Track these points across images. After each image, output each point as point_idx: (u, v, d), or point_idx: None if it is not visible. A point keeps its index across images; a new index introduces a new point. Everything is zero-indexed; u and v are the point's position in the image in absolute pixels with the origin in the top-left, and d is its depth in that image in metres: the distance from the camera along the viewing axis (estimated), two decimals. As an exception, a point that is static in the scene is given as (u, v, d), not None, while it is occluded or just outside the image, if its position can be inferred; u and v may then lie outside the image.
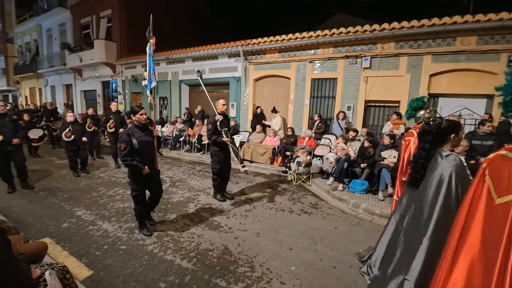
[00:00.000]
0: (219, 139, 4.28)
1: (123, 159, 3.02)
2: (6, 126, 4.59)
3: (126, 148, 3.00)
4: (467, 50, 5.70)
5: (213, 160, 4.52)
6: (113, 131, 6.57)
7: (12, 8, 20.81)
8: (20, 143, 4.78)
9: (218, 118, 4.29)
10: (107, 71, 13.27)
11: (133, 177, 3.20)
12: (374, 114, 7.14)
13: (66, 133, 5.72)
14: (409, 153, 3.03)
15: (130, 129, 3.12)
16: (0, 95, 25.38)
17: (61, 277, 1.72)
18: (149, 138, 3.26)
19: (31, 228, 3.51)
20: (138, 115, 3.16)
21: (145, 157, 3.16)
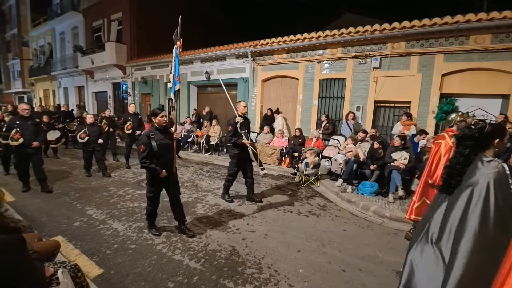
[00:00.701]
0: (239, 141, 4.26)
1: (141, 161, 3.02)
2: (28, 129, 4.67)
3: (145, 151, 3.00)
4: (481, 49, 5.54)
5: (231, 162, 4.51)
6: (130, 132, 6.66)
7: (27, 12, 21.51)
8: (39, 146, 4.86)
9: (238, 120, 4.27)
10: (118, 73, 13.54)
11: (151, 179, 3.21)
12: (384, 115, 7.03)
13: (81, 134, 5.85)
14: (439, 157, 3.05)
15: (150, 132, 3.10)
16: (16, 97, 26.27)
17: (73, 275, 1.75)
18: (169, 141, 3.22)
19: (45, 226, 3.60)
20: (158, 118, 3.14)
21: (164, 160, 3.13)
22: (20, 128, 4.60)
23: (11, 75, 25.92)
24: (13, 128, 4.61)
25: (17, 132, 4.57)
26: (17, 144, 4.59)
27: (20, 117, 4.73)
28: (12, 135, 4.56)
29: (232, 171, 4.49)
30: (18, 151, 4.73)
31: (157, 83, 12.22)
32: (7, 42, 25.65)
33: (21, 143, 4.58)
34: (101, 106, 15.73)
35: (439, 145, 3.13)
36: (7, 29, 24.77)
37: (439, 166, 3.04)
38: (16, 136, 4.56)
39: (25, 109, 4.79)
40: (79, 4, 15.54)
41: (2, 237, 1.25)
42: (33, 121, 4.88)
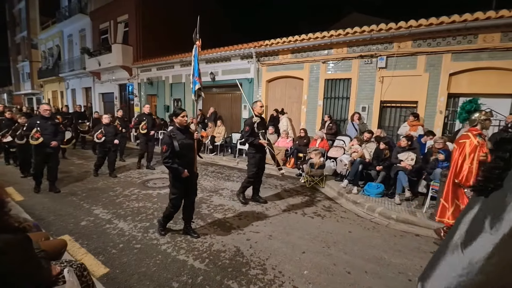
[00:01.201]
0: (256, 141, 4.23)
1: (164, 161, 3.01)
2: (47, 128, 4.75)
3: (167, 150, 2.99)
4: (490, 48, 5.43)
5: (250, 163, 4.44)
6: (145, 132, 6.72)
7: (36, 15, 21.92)
8: (58, 146, 4.93)
9: (255, 120, 4.22)
10: (124, 74, 13.69)
11: (174, 180, 3.16)
12: (390, 115, 6.94)
13: (97, 135, 5.89)
14: (464, 156, 3.10)
15: (172, 131, 3.10)
16: (25, 98, 26.80)
17: (79, 274, 1.77)
18: (190, 141, 3.21)
19: (52, 225, 3.66)
20: (179, 117, 3.14)
21: (185, 160, 3.12)
22: (40, 128, 4.67)
23: (20, 77, 26.48)
24: (34, 127, 4.67)
25: (37, 132, 4.63)
26: (36, 143, 4.65)
27: (41, 117, 4.81)
28: (33, 134, 4.62)
29: (252, 172, 4.41)
30: (38, 150, 4.78)
31: (162, 84, 12.31)
32: (17, 45, 26.20)
33: (40, 142, 4.64)
34: (107, 107, 15.94)
35: (464, 145, 3.14)
36: (17, 32, 25.31)
37: (464, 165, 3.09)
38: (37, 135, 4.62)
39: (46, 109, 4.87)
40: (87, 7, 15.78)
41: (5, 237, 1.27)
42: (52, 121, 4.95)
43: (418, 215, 4.04)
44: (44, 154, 4.80)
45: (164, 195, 4.95)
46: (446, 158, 4.23)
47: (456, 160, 3.20)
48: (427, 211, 4.13)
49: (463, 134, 3.33)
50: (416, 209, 4.31)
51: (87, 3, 15.79)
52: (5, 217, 1.33)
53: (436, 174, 4.18)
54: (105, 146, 5.98)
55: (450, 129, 6.22)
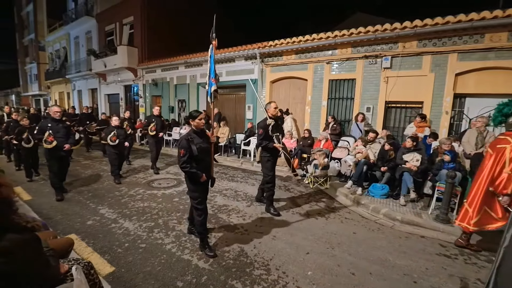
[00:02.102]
0: (270, 144, 4.02)
1: (182, 165, 2.87)
2: (59, 131, 4.63)
3: (185, 155, 2.85)
4: (497, 47, 5.35)
5: (265, 167, 4.20)
6: (154, 134, 6.60)
7: (44, 18, 22.29)
8: (70, 149, 4.83)
9: (269, 122, 4.01)
10: (129, 75, 13.84)
11: (193, 184, 3.00)
12: (395, 116, 6.89)
13: (112, 137, 5.68)
14: (503, 163, 2.88)
15: (189, 135, 2.96)
16: (33, 99, 27.25)
17: (86, 272, 1.80)
18: (207, 145, 3.07)
19: (59, 224, 3.72)
20: (197, 120, 2.98)
21: (203, 164, 2.99)
22: (52, 131, 4.55)
23: (28, 78, 26.94)
24: (46, 130, 4.55)
25: (50, 135, 4.51)
26: (50, 147, 4.51)
27: (52, 120, 4.66)
28: (46, 137, 4.49)
29: (269, 177, 4.18)
30: (51, 154, 4.63)
31: (167, 85, 12.41)
32: (25, 47, 26.67)
33: (54, 146, 4.52)
34: (113, 108, 16.12)
35: (503, 150, 2.90)
36: (25, 34, 25.75)
37: (503, 173, 2.88)
38: (50, 139, 4.50)
39: (56, 111, 4.71)
40: (93, 9, 16.00)
41: (13, 236, 1.30)
42: (64, 123, 4.85)
43: (423, 217, 4.01)
44: (58, 158, 4.70)
45: (169, 195, 4.99)
46: (452, 159, 4.18)
47: (493, 166, 2.95)
48: (432, 213, 4.09)
49: (500, 138, 3.06)
50: (422, 210, 4.27)
51: (93, 6, 16.02)
52: (14, 216, 1.36)
53: (442, 175, 4.13)
54: (117, 148, 5.82)
55: (456, 129, 6.15)
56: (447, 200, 3.77)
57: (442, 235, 3.62)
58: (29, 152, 5.84)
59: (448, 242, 3.46)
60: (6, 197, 1.34)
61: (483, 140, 4.73)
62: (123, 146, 5.99)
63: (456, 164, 4.20)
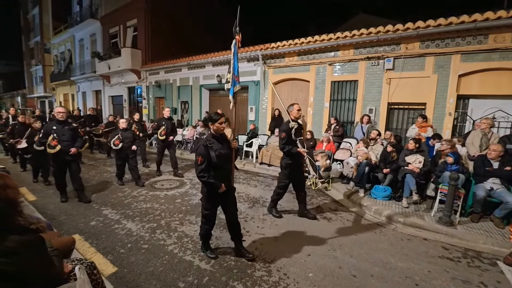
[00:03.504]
0: (294, 149, 3.76)
1: (199, 174, 2.62)
2: (65, 134, 4.34)
3: (203, 163, 2.60)
4: (502, 48, 5.32)
5: (283, 173, 4.02)
6: (164, 138, 6.26)
7: (49, 21, 22.60)
8: (77, 153, 4.56)
9: (292, 125, 3.76)
10: (133, 77, 13.97)
11: (207, 194, 2.79)
12: (398, 117, 6.86)
13: (115, 141, 5.45)
14: None
15: (208, 140, 2.71)
16: (38, 101, 27.59)
17: (89, 272, 1.83)
18: (228, 151, 2.82)
19: (63, 225, 3.76)
20: (217, 124, 2.72)
21: (222, 172, 2.76)
22: (56, 134, 4.26)
23: (33, 80, 27.30)
24: (50, 134, 4.26)
25: (54, 139, 4.23)
26: (54, 151, 4.23)
27: (56, 122, 4.38)
28: (49, 141, 4.21)
29: (283, 183, 4.00)
30: (56, 158, 4.38)
31: (170, 87, 12.50)
32: (31, 49, 27.04)
33: (58, 150, 4.24)
34: (117, 110, 16.27)
35: None
36: (31, 37, 26.13)
37: None
38: (54, 143, 4.22)
39: (60, 112, 4.39)
40: (97, 12, 16.21)
41: (18, 237, 1.32)
42: (69, 125, 4.52)
43: (426, 219, 3.98)
44: (63, 162, 4.43)
45: (172, 197, 5.02)
46: (455, 161, 4.16)
47: None
48: (435, 215, 4.06)
49: None
50: (424, 212, 4.24)
51: (97, 9, 16.22)
52: (18, 217, 1.39)
53: (444, 177, 4.10)
54: (123, 153, 5.57)
55: (459, 131, 6.11)
56: (450, 202, 3.74)
57: (445, 237, 3.59)
58: (40, 155, 5.47)
59: (451, 245, 3.44)
60: (11, 199, 1.37)
61: (487, 141, 4.70)
62: (130, 150, 5.64)
63: (459, 166, 4.17)
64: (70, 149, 4.33)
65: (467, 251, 3.31)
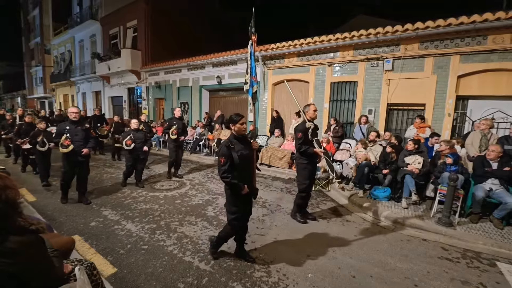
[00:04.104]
0: (311, 150, 3.74)
1: (222, 175, 2.60)
2: (78, 134, 4.32)
3: (226, 163, 2.59)
4: (501, 49, 5.33)
5: (301, 175, 3.93)
6: (175, 138, 6.15)
7: (49, 22, 22.67)
8: (89, 154, 4.52)
9: (309, 125, 3.71)
10: (133, 78, 14.00)
11: (232, 197, 2.73)
12: (397, 118, 6.88)
13: (127, 141, 5.39)
14: None
15: (230, 141, 2.69)
16: (38, 102, 27.62)
17: (88, 273, 1.83)
18: (249, 152, 2.78)
19: (63, 225, 3.76)
20: (238, 125, 2.68)
21: (244, 174, 2.72)
22: (69, 134, 4.24)
23: (33, 81, 27.37)
24: (63, 133, 4.23)
25: (67, 138, 4.19)
26: (67, 151, 4.20)
27: (70, 122, 4.34)
28: (62, 141, 4.18)
29: (304, 185, 3.89)
30: (68, 159, 4.34)
31: (170, 88, 12.52)
32: (31, 50, 27.11)
33: (71, 150, 4.21)
34: (117, 110, 16.28)
35: None
36: (31, 38, 26.19)
37: None
38: (67, 142, 4.19)
39: (74, 112, 4.35)
40: (97, 13, 16.26)
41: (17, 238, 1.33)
42: (82, 126, 4.49)
43: (425, 220, 3.99)
44: (74, 163, 4.39)
45: (171, 197, 5.03)
46: (454, 162, 4.17)
47: None
48: (434, 216, 4.07)
49: None
50: (424, 213, 4.25)
51: (97, 10, 16.27)
52: (18, 218, 1.39)
53: (444, 178, 4.12)
54: (134, 153, 5.47)
55: (459, 132, 6.12)
56: (449, 203, 3.75)
57: (444, 238, 3.60)
58: (43, 156, 5.55)
59: (450, 245, 3.45)
60: (11, 200, 1.38)
61: (487, 142, 4.71)
62: (142, 151, 5.58)
63: (458, 166, 4.18)
64: (82, 150, 4.33)
65: (466, 251, 3.32)
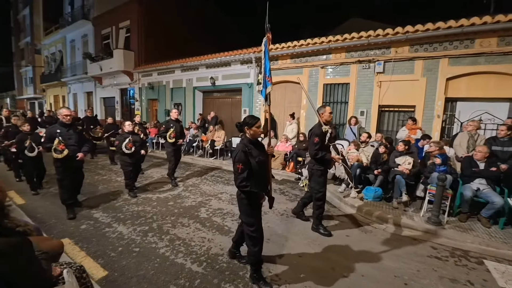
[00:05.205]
0: (328, 156, 3.51)
1: (240, 184, 2.36)
2: (71, 138, 3.98)
3: (244, 171, 2.34)
4: (487, 52, 5.48)
5: (316, 182, 3.65)
6: (173, 141, 5.79)
7: (40, 22, 22.28)
8: (83, 158, 4.17)
9: (326, 129, 3.45)
10: (125, 79, 13.86)
11: (248, 208, 2.48)
12: (388, 119, 6.99)
13: (127, 144, 4.93)
14: None
15: (246, 146, 2.44)
16: (28, 102, 27.06)
17: (78, 276, 1.81)
18: (265, 158, 2.55)
19: (53, 228, 3.70)
20: (254, 128, 2.46)
21: (261, 181, 2.53)
22: (62, 138, 3.88)
23: (23, 82, 26.80)
24: (55, 137, 3.86)
25: (60, 143, 3.84)
26: (61, 156, 3.85)
27: (61, 125, 3.98)
28: (56, 146, 3.82)
29: (320, 194, 3.64)
30: (63, 165, 3.96)
31: (163, 89, 12.44)
32: (21, 50, 26.58)
33: (66, 155, 3.87)
34: (109, 112, 16.10)
35: None
36: (21, 37, 25.69)
37: None
38: (61, 147, 3.83)
39: (67, 115, 3.96)
40: (89, 13, 16.06)
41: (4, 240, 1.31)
42: (76, 128, 4.21)
43: (415, 219, 4.05)
44: (71, 169, 4.06)
45: (164, 199, 4.99)
46: (443, 162, 4.26)
47: None
48: (424, 215, 4.14)
49: None
50: (414, 213, 4.32)
51: (89, 9, 16.07)
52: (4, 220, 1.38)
53: (433, 178, 4.20)
54: (134, 157, 5.12)
55: (448, 133, 6.25)
56: (438, 202, 3.82)
57: (434, 237, 3.67)
58: (32, 162, 5.15)
59: (439, 244, 3.52)
60: (-2, 202, 1.36)
61: (474, 143, 4.83)
62: (140, 155, 5.28)
63: (447, 167, 4.27)
64: (77, 154, 4.01)
65: (455, 250, 3.39)
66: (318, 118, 3.56)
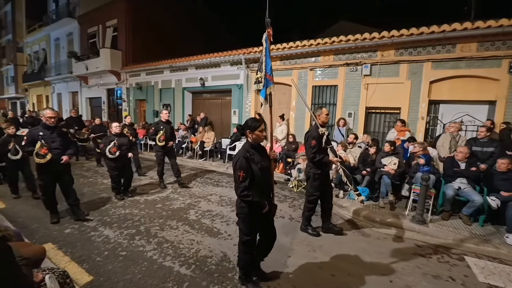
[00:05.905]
0: (326, 159, 3.47)
1: (242, 194, 2.19)
2: (55, 141, 3.73)
3: (246, 179, 2.18)
4: (468, 57, 5.72)
5: (312, 186, 3.63)
6: (163, 144, 5.58)
7: (23, 19, 21.52)
8: (69, 162, 3.93)
9: (323, 131, 3.39)
10: (112, 78, 13.57)
11: (249, 216, 2.33)
12: (375, 121, 7.16)
13: (111, 148, 4.72)
14: None
15: (247, 151, 2.27)
16: (9, 102, 26.02)
17: (61, 281, 1.77)
18: (268, 163, 2.41)
19: (36, 233, 3.58)
20: (256, 132, 2.28)
21: (263, 189, 2.35)
22: (45, 141, 3.62)
23: (4, 81, 25.75)
24: (37, 141, 3.58)
25: (43, 146, 3.58)
26: (44, 161, 3.58)
27: (44, 127, 3.73)
28: (38, 150, 3.55)
29: (313, 197, 3.64)
30: (46, 169, 3.68)
31: (151, 89, 12.26)
32: (2, 48, 25.54)
33: (49, 159, 3.61)
34: (95, 112, 15.71)
35: None
36: (3, 35, 24.70)
37: None
38: (43, 151, 3.57)
39: (51, 116, 3.70)
40: (75, 11, 15.63)
41: None
42: (60, 130, 3.97)
43: (401, 218, 4.17)
44: (54, 173, 3.79)
45: (152, 202, 4.92)
46: (427, 163, 4.40)
47: None
48: (409, 214, 4.27)
49: None
50: (399, 212, 4.44)
51: (75, 7, 15.65)
52: None
53: (417, 178, 4.33)
54: (119, 162, 4.89)
55: (431, 134, 6.47)
56: (422, 201, 3.95)
57: (418, 235, 3.78)
58: (17, 165, 4.83)
59: (423, 242, 3.63)
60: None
61: (456, 144, 5.01)
62: (127, 158, 5.07)
63: (430, 167, 4.41)
64: (61, 157, 3.75)
65: (438, 247, 3.51)
66: (315, 120, 3.51)
